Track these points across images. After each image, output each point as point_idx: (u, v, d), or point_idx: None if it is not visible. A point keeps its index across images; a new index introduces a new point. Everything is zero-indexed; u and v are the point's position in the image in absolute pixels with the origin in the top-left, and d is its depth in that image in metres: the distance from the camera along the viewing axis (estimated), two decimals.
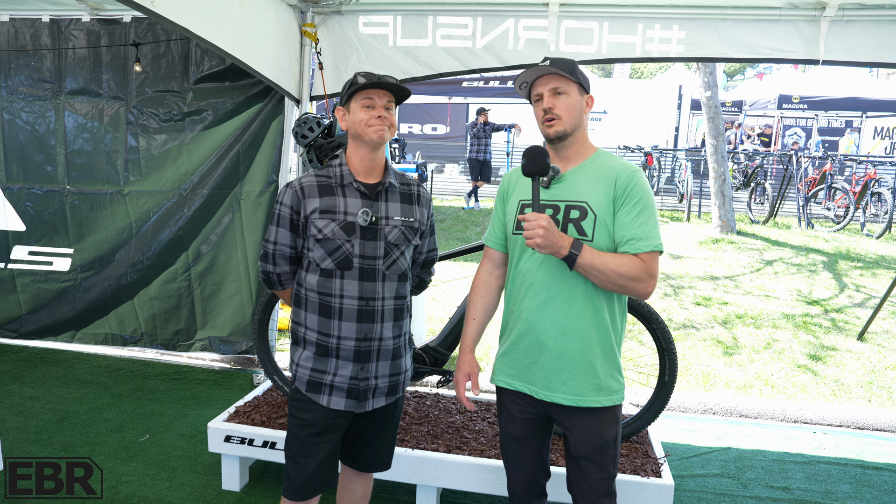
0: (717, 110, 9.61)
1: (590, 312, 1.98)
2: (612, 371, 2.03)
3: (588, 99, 2.05)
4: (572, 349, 1.98)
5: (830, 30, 3.52)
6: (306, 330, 2.14)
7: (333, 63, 4.13)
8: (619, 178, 1.97)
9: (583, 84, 2.01)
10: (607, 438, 2.03)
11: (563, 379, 1.99)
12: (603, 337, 2.00)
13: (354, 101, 2.05)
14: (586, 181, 2.00)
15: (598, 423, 2.01)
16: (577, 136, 2.03)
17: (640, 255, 1.93)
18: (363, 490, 2.45)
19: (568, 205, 1.99)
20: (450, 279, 7.13)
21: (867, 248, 9.17)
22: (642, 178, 1.99)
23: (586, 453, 2.03)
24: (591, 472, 2.04)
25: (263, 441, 3.10)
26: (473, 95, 10.94)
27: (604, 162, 2.03)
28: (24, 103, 4.78)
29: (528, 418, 2.10)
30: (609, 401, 2.01)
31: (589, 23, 3.77)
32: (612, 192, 1.96)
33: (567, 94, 1.97)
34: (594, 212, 1.96)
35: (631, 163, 2.06)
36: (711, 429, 4.10)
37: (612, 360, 2.03)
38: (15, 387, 4.30)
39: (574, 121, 2.00)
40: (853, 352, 5.39)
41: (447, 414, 3.42)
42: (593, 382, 1.99)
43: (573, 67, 2.01)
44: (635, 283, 1.92)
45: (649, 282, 1.94)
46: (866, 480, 3.51)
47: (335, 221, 2.07)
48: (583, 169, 2.03)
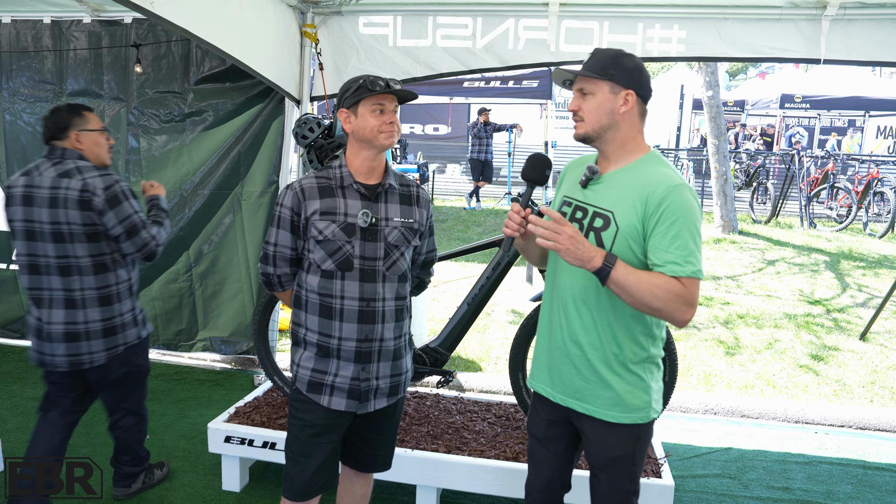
0: (719, 110, 9.59)
1: (606, 327, 1.89)
2: (635, 389, 1.91)
3: (626, 95, 1.85)
4: (586, 360, 1.92)
5: (832, 29, 3.51)
6: (307, 331, 2.14)
7: (334, 64, 4.13)
8: (653, 196, 1.80)
9: (618, 80, 1.85)
10: (620, 454, 1.94)
11: (577, 387, 1.95)
12: (624, 351, 1.89)
13: (363, 105, 2.05)
14: (619, 189, 1.87)
15: (612, 438, 1.94)
16: (613, 137, 1.89)
17: (680, 280, 1.76)
18: (363, 490, 2.45)
19: (595, 211, 1.89)
20: (451, 279, 7.13)
21: (870, 247, 9.15)
22: (682, 194, 1.79)
23: (598, 463, 1.99)
24: (604, 483, 1.99)
25: (264, 441, 3.10)
26: (475, 95, 10.91)
27: (645, 170, 1.87)
28: (26, 104, 4.78)
29: (550, 420, 2.07)
30: (627, 418, 1.91)
31: (589, 23, 3.76)
32: (641, 210, 1.81)
33: (593, 94, 1.86)
34: (617, 224, 1.84)
35: (675, 175, 1.84)
36: (712, 429, 4.09)
37: (635, 376, 1.91)
38: (16, 387, 4.31)
39: (600, 122, 1.87)
40: (855, 352, 5.38)
41: (447, 414, 3.42)
42: (608, 396, 1.91)
43: (606, 63, 1.85)
44: (671, 310, 1.76)
45: (687, 310, 1.76)
46: (868, 481, 3.50)
47: (335, 223, 2.07)
48: (622, 174, 1.90)
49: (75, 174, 2.59)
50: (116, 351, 2.75)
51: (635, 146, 1.91)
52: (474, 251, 3.33)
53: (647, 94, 1.91)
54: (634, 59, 1.89)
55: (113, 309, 2.71)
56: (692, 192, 1.83)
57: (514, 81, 9.11)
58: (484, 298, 3.20)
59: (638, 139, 1.92)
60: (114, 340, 2.73)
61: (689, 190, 1.82)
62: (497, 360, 5.09)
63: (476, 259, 7.80)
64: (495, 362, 5.06)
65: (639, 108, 1.90)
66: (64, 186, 2.57)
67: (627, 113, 1.87)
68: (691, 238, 1.78)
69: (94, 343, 2.68)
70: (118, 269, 2.71)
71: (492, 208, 11.88)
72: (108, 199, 2.58)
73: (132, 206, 2.65)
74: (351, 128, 2.09)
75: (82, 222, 2.58)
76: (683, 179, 1.84)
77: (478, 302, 3.20)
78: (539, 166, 1.97)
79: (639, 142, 1.92)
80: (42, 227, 2.59)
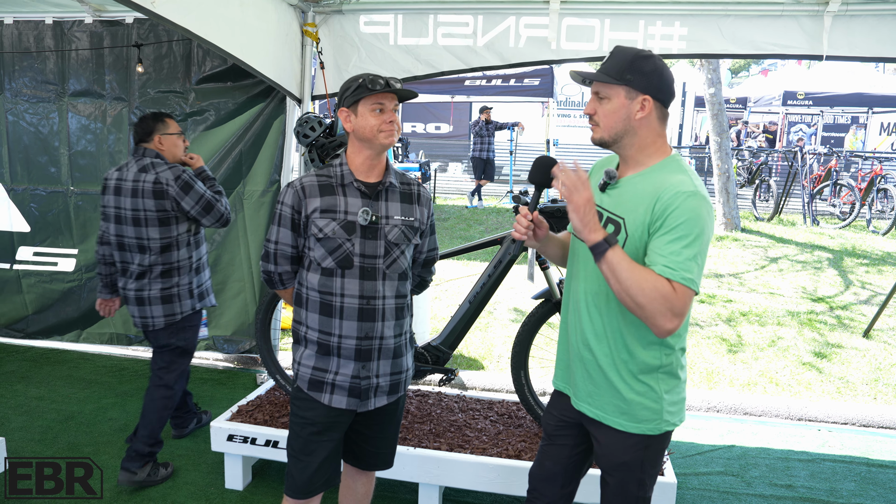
0: (721, 107, 9.57)
1: (616, 333, 1.86)
2: (644, 399, 1.85)
3: (644, 101, 1.78)
4: (595, 365, 1.90)
5: (834, 25, 3.50)
6: (307, 329, 2.15)
7: (335, 62, 4.13)
8: (660, 200, 1.73)
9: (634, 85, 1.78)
10: (627, 460, 1.90)
11: (588, 391, 1.94)
12: (634, 359, 1.85)
13: (362, 104, 2.05)
14: (633, 195, 1.82)
15: (620, 444, 1.91)
16: (631, 142, 1.84)
17: (672, 282, 1.68)
18: (365, 489, 2.45)
19: (609, 216, 1.86)
20: (453, 278, 7.13)
21: (873, 244, 9.13)
22: (689, 202, 1.70)
23: (605, 467, 1.98)
24: (612, 487, 1.97)
25: (266, 440, 3.11)
26: (476, 94, 10.90)
27: (659, 176, 1.79)
28: (28, 105, 4.79)
29: (562, 418, 2.07)
30: (635, 428, 1.87)
31: (590, 20, 3.76)
32: (649, 218, 1.75)
33: (609, 98, 1.81)
34: (627, 231, 1.80)
35: (688, 182, 1.75)
36: (715, 426, 4.09)
37: (645, 386, 1.86)
38: (20, 386, 4.33)
39: (615, 128, 1.82)
40: (858, 349, 5.36)
41: (449, 412, 3.42)
42: (616, 404, 1.88)
43: (623, 66, 1.78)
44: (654, 311, 1.68)
45: (671, 318, 1.68)
46: (871, 478, 3.49)
47: (336, 221, 2.07)
48: (637, 179, 1.84)
49: (150, 169, 3.10)
50: (174, 318, 3.22)
51: (655, 150, 1.85)
52: (476, 249, 3.33)
53: (667, 97, 1.83)
54: (654, 61, 1.81)
55: (172, 280, 3.19)
56: (703, 202, 1.73)
57: (516, 80, 9.10)
58: (486, 297, 3.20)
59: (658, 143, 1.85)
60: (171, 308, 3.20)
61: (699, 199, 1.72)
62: (499, 358, 5.09)
63: (478, 257, 7.80)
64: (497, 361, 5.06)
65: (658, 113, 1.83)
66: (142, 180, 3.08)
67: (645, 119, 1.81)
68: (689, 247, 1.69)
69: (155, 308, 3.19)
70: (181, 248, 3.21)
71: (493, 207, 11.88)
72: (181, 187, 3.09)
73: (200, 187, 3.15)
74: (351, 127, 2.09)
75: (156, 209, 3.09)
76: (697, 187, 1.75)
77: (480, 300, 3.20)
78: (544, 169, 1.96)
79: (659, 145, 1.85)
80: (126, 212, 3.11)
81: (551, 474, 2.11)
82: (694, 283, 1.69)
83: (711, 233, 1.78)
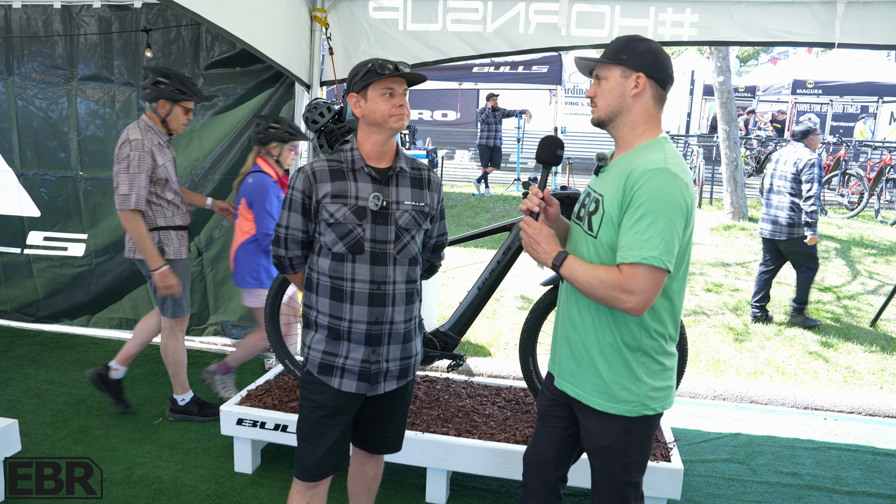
0: (730, 95, 9.51)
1: (596, 311, 1.91)
2: (623, 379, 1.88)
3: (637, 78, 1.83)
4: (579, 344, 1.96)
5: (847, 12, 3.47)
6: (318, 313, 2.16)
7: (344, 48, 4.12)
8: (629, 177, 1.78)
9: (628, 64, 1.84)
10: (609, 444, 1.93)
11: (571, 370, 1.99)
12: (613, 339, 1.89)
13: (372, 89, 2.05)
14: (615, 174, 1.87)
15: (601, 426, 1.94)
16: (622, 122, 1.89)
17: (620, 267, 1.76)
18: (374, 472, 2.47)
19: (595, 196, 1.92)
20: (460, 265, 7.14)
21: (881, 234, 9.08)
22: (657, 179, 1.74)
23: (589, 450, 2.02)
24: (597, 471, 2.01)
25: (275, 424, 3.14)
26: (484, 81, 10.86)
27: (638, 155, 1.84)
28: (37, 90, 4.80)
29: (551, 398, 2.11)
30: (614, 409, 1.90)
31: (600, 6, 3.74)
32: (621, 195, 1.80)
33: (606, 79, 1.88)
34: (604, 208, 1.86)
35: (660, 159, 1.78)
36: (721, 414, 4.10)
37: (624, 366, 1.88)
38: (31, 370, 4.37)
39: (610, 106, 1.88)
40: (865, 339, 5.36)
41: (457, 398, 3.44)
42: (596, 383, 1.92)
43: (618, 48, 1.87)
44: (609, 298, 1.78)
45: (626, 298, 1.75)
46: (877, 466, 3.50)
47: (346, 206, 2.08)
48: (622, 159, 1.89)
49: None
50: None
51: (645, 131, 1.88)
52: (483, 236, 3.33)
53: (662, 77, 1.86)
54: (649, 44, 1.87)
55: None
56: (674, 178, 1.75)
57: (524, 67, 9.06)
58: (494, 283, 3.21)
59: (650, 124, 1.89)
60: None
61: (667, 175, 1.75)
62: (507, 345, 5.11)
63: (485, 244, 7.80)
64: (504, 348, 5.07)
65: (653, 92, 1.86)
66: None
67: (639, 96, 1.85)
68: (653, 223, 1.72)
69: None
70: None
71: (500, 194, 11.85)
72: None
73: None
74: (361, 112, 2.09)
75: None
76: (667, 164, 1.77)
77: (488, 287, 3.21)
78: (551, 147, 2.02)
79: (649, 126, 1.89)
80: None
81: (544, 457, 2.14)
82: (654, 258, 1.72)
83: (683, 208, 1.77)
